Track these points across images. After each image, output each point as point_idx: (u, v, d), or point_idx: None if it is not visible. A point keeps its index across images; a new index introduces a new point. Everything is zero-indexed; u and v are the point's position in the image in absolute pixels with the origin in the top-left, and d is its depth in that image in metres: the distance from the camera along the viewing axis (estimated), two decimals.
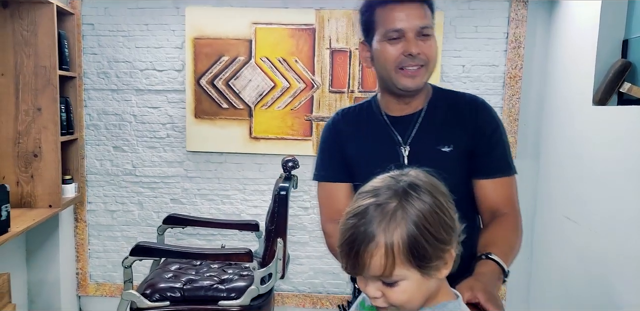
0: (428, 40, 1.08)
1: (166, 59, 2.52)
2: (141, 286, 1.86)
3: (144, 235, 2.64)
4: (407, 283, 0.69)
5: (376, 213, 0.68)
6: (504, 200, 1.13)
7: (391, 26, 1.06)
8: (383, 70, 1.11)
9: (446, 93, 1.21)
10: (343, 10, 2.41)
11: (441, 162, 1.08)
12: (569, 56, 2.16)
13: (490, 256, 0.98)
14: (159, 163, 2.60)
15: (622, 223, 1.66)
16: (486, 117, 1.16)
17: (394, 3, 1.07)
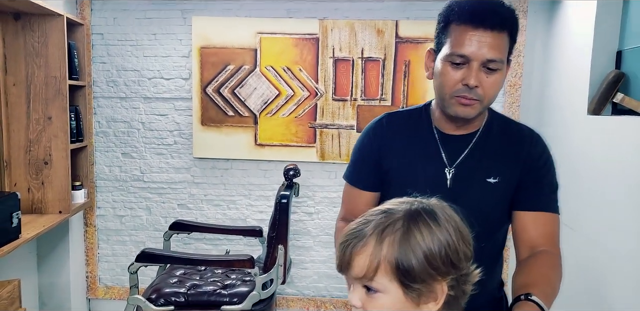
0: (493, 75, 0.99)
1: (173, 67, 2.58)
2: (147, 291, 1.92)
3: (152, 239, 2.70)
4: (387, 298, 0.68)
5: (380, 221, 0.71)
6: (545, 236, 1.06)
7: (458, 50, 0.98)
8: (438, 91, 1.05)
9: (503, 119, 1.14)
10: (346, 20, 2.45)
11: (485, 193, 1.06)
12: (566, 66, 2.19)
13: (530, 298, 0.88)
14: (167, 169, 2.66)
15: (615, 230, 1.69)
16: (539, 150, 1.10)
17: (470, 24, 0.97)
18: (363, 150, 1.17)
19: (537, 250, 1.04)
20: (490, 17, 0.97)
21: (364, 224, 0.72)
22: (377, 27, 2.43)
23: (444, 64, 1.00)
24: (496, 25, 0.97)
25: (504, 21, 0.98)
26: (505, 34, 0.98)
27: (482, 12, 0.98)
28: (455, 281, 0.70)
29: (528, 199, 1.07)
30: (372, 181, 1.15)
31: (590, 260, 1.88)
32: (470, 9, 0.99)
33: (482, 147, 1.08)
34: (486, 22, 0.96)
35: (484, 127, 1.10)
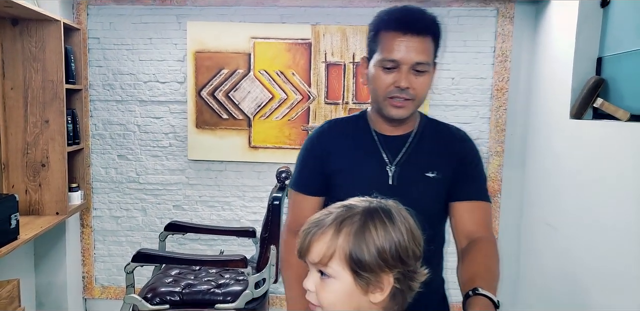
0: (422, 76, 1.07)
1: (169, 71, 2.63)
2: (143, 291, 1.97)
3: (148, 240, 2.75)
4: (339, 283, 0.75)
5: (340, 213, 0.78)
6: (479, 223, 1.15)
7: (388, 55, 1.05)
8: (374, 94, 1.13)
9: (434, 121, 1.24)
10: (338, 26, 2.51)
11: (425, 187, 1.14)
12: (550, 71, 2.26)
13: (478, 292, 0.96)
14: (162, 171, 2.71)
15: (596, 230, 1.76)
16: (467, 146, 1.20)
17: (397, 31, 1.05)
18: (307, 156, 1.22)
19: (473, 237, 1.12)
20: (415, 23, 1.06)
21: (325, 215, 0.79)
22: None
23: (376, 69, 1.08)
24: (421, 30, 1.05)
25: (427, 26, 1.07)
26: (429, 38, 1.07)
27: (408, 19, 1.06)
28: (402, 276, 0.76)
29: (462, 190, 1.16)
30: (318, 186, 1.20)
31: (571, 257, 1.95)
32: (397, 17, 1.08)
33: (418, 145, 1.17)
34: (412, 28, 1.05)
35: (418, 128, 1.19)
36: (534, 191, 2.41)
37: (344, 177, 1.17)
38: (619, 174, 1.62)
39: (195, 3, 2.55)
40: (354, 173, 1.17)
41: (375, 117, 1.18)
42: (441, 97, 2.53)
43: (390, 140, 1.17)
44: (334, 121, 1.25)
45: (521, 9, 2.47)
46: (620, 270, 1.56)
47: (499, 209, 2.59)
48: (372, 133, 1.18)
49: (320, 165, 1.19)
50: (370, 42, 1.12)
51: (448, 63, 2.51)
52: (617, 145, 1.66)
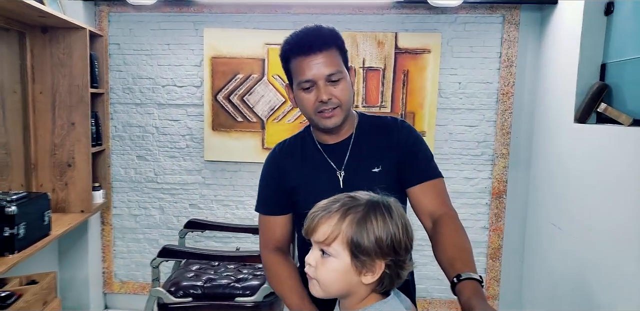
0: (338, 84, 1.17)
1: (186, 76, 2.74)
2: (166, 284, 2.08)
3: (165, 237, 2.86)
4: (337, 262, 0.86)
5: (346, 201, 0.89)
6: (437, 201, 1.22)
7: (302, 77, 1.16)
8: (305, 114, 1.23)
9: (370, 118, 1.32)
10: (348, 32, 2.61)
11: (373, 182, 1.19)
12: (554, 76, 2.35)
13: (461, 278, 1.02)
14: (179, 171, 2.82)
15: (598, 230, 1.85)
16: (405, 133, 1.28)
17: (301, 54, 1.15)
18: (267, 178, 1.32)
19: (435, 216, 1.21)
20: (312, 42, 1.15)
21: (332, 202, 0.91)
22: (378, 39, 2.59)
23: (298, 93, 1.19)
24: (321, 46, 1.15)
25: (325, 40, 1.16)
26: (332, 49, 1.17)
27: (307, 41, 1.16)
28: (393, 263, 0.87)
29: (412, 175, 1.25)
30: (281, 205, 1.29)
31: (575, 257, 2.04)
32: (297, 42, 1.17)
33: (359, 146, 1.26)
34: (312, 47, 1.14)
35: (356, 130, 1.28)
36: (539, 192, 2.50)
37: (301, 191, 1.26)
38: (621, 177, 1.71)
39: (211, 10, 2.65)
40: (309, 185, 1.26)
41: (316, 131, 1.29)
42: (448, 100, 2.63)
43: (333, 148, 1.27)
44: (282, 142, 1.36)
45: (526, 15, 2.56)
46: (624, 270, 1.64)
47: (504, 209, 2.69)
48: (317, 146, 1.28)
49: (279, 185, 1.28)
50: (285, 70, 1.23)
51: (455, 68, 2.61)
52: (620, 149, 1.74)
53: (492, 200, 2.68)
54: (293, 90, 1.23)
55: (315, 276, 0.89)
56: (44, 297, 1.81)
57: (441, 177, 1.27)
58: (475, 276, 1.04)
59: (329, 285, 0.88)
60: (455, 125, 2.64)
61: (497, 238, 2.70)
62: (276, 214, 1.30)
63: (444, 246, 1.15)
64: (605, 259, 1.78)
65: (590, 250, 1.91)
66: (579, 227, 2.02)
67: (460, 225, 1.21)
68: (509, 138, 2.63)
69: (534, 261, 2.54)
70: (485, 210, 2.69)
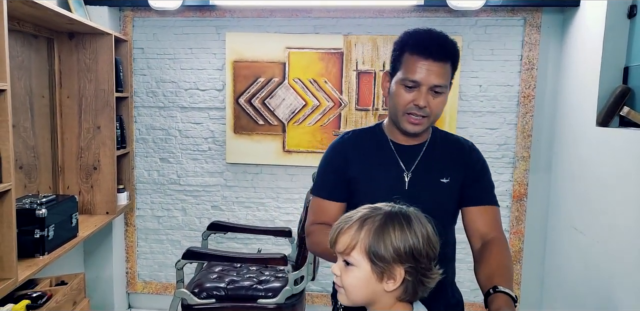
0: (438, 97, 1.19)
1: (208, 79, 2.78)
2: (190, 286, 2.12)
3: (187, 238, 2.91)
4: (359, 271, 0.89)
5: (365, 213, 0.92)
6: (491, 225, 1.27)
7: (410, 76, 1.17)
8: (393, 108, 1.24)
9: (443, 132, 1.37)
10: (369, 36, 2.62)
11: (439, 191, 1.26)
12: (576, 79, 2.33)
13: (498, 290, 1.06)
14: (201, 173, 2.87)
15: (620, 234, 1.84)
16: (475, 155, 1.33)
17: (420, 55, 1.16)
18: (330, 164, 1.32)
19: (487, 239, 1.24)
20: (437, 50, 1.17)
21: (354, 213, 0.95)
22: None
23: (398, 87, 1.20)
24: (442, 57, 1.17)
25: (447, 53, 1.18)
26: (448, 63, 1.19)
27: (431, 46, 1.17)
28: (413, 270, 0.88)
29: (474, 196, 1.29)
30: (340, 191, 1.29)
31: (597, 261, 2.03)
32: (421, 42, 1.18)
33: (431, 153, 1.29)
34: (434, 54, 1.16)
35: (431, 138, 1.31)
36: (560, 195, 2.48)
37: (363, 183, 1.28)
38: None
39: (233, 15, 2.69)
40: (373, 179, 1.27)
41: (392, 128, 1.30)
42: (469, 103, 2.63)
43: (406, 149, 1.29)
44: (352, 131, 1.36)
45: (548, 18, 2.54)
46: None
47: (525, 212, 2.68)
48: (389, 143, 1.30)
49: (341, 172, 1.29)
50: (394, 60, 1.24)
51: (476, 71, 2.61)
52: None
53: (513, 203, 2.67)
54: (391, 80, 1.24)
55: (341, 285, 0.92)
56: (74, 297, 1.86)
57: (498, 206, 1.32)
58: (512, 293, 1.08)
59: (354, 292, 0.91)
60: (476, 128, 2.64)
61: (518, 241, 2.69)
62: (334, 200, 1.30)
63: (487, 263, 1.18)
64: (628, 265, 1.77)
65: (612, 255, 1.89)
66: (601, 231, 2.00)
67: (509, 249, 1.25)
68: (530, 141, 2.61)
69: (554, 264, 2.53)
70: (506, 213, 2.68)
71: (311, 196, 1.36)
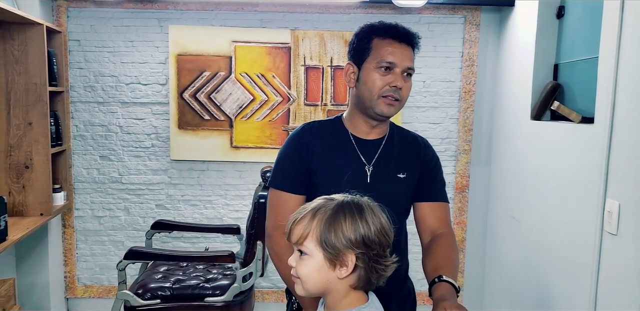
0: (408, 80, 1.25)
1: (150, 73, 2.69)
2: (133, 287, 2.04)
3: (131, 238, 2.80)
4: (312, 260, 0.91)
5: (319, 203, 0.95)
6: (441, 221, 1.32)
7: (387, 58, 1.21)
8: (367, 93, 1.24)
9: (400, 128, 1.40)
10: (316, 31, 2.63)
11: (396, 186, 1.29)
12: (512, 75, 2.45)
13: (443, 279, 1.13)
14: (144, 171, 2.77)
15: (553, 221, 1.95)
16: (430, 153, 1.37)
17: (393, 39, 1.22)
18: (291, 156, 1.31)
19: (436, 233, 1.30)
20: (406, 35, 1.24)
21: (309, 204, 0.96)
22: (345, 38, 2.62)
23: (372, 71, 1.23)
24: (410, 41, 1.25)
25: (415, 40, 1.26)
26: (414, 50, 1.26)
27: (401, 31, 1.25)
28: (366, 257, 0.90)
29: (427, 192, 1.34)
30: (301, 183, 1.29)
31: (533, 247, 2.14)
32: (391, 28, 1.25)
33: (390, 148, 1.32)
34: (404, 38, 1.23)
35: (389, 133, 1.34)
36: (499, 186, 2.60)
37: (326, 175, 1.28)
38: (572, 170, 1.81)
39: (176, 7, 2.62)
40: (336, 172, 1.28)
41: (353, 122, 1.31)
42: (413, 99, 2.69)
43: (366, 143, 1.31)
44: (313, 123, 1.36)
45: (486, 16, 2.65)
46: (576, 258, 1.74)
47: (467, 203, 2.78)
48: (350, 136, 1.31)
49: (304, 163, 1.29)
50: (360, 49, 1.25)
51: (419, 67, 2.67)
52: (571, 144, 1.84)
53: (456, 195, 2.77)
54: (361, 69, 1.25)
55: (297, 276, 0.93)
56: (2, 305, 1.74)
57: (448, 202, 1.38)
58: (455, 283, 1.13)
59: (308, 282, 0.92)
60: (420, 122, 2.71)
61: (461, 231, 2.79)
62: (295, 192, 1.29)
63: (435, 256, 1.23)
64: (560, 249, 1.88)
65: (546, 241, 2.01)
66: (536, 219, 2.12)
67: (456, 244, 1.31)
68: (471, 135, 2.71)
69: (495, 252, 2.65)
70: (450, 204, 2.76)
71: (269, 189, 1.34)
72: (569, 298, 1.80)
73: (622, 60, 1.51)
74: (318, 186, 1.27)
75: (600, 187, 1.60)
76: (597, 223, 1.61)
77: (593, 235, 1.63)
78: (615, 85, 1.54)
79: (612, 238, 1.55)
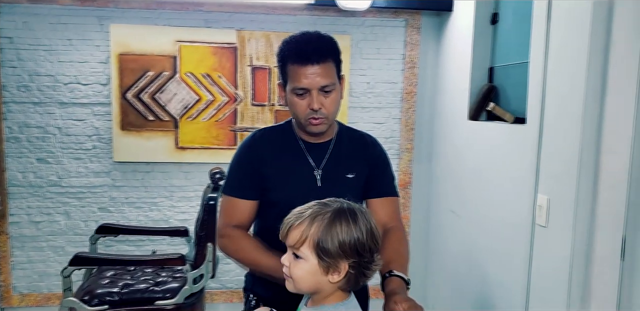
0: (330, 95, 1.26)
1: (91, 73, 2.60)
2: (78, 293, 1.98)
3: (72, 244, 2.70)
4: (306, 264, 0.95)
5: (316, 209, 0.98)
6: (391, 215, 1.39)
7: (297, 84, 1.23)
8: (294, 116, 1.31)
9: (348, 129, 1.45)
10: (262, 32, 2.64)
11: (346, 186, 1.35)
12: (451, 77, 2.58)
13: (393, 274, 1.21)
14: (86, 173, 2.68)
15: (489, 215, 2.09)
16: (378, 150, 1.44)
17: (300, 63, 1.22)
18: (243, 163, 1.36)
19: (387, 227, 1.36)
20: (314, 53, 1.22)
21: (305, 209, 1.00)
22: None
23: (291, 96, 1.26)
24: (320, 58, 1.22)
25: (324, 53, 1.24)
26: (329, 61, 1.24)
27: (307, 51, 1.22)
28: (357, 264, 0.96)
29: (376, 188, 1.40)
30: (254, 190, 1.34)
31: (471, 240, 2.28)
32: (296, 50, 1.24)
33: (338, 151, 1.38)
34: (312, 59, 1.22)
35: (337, 136, 1.39)
36: (440, 182, 2.73)
37: (277, 181, 1.33)
38: (506, 168, 1.94)
39: (118, 5, 2.54)
40: (287, 177, 1.33)
41: (300, 129, 1.37)
42: (358, 99, 2.77)
43: (315, 147, 1.36)
44: (264, 129, 1.42)
45: (427, 20, 2.77)
46: (511, 249, 1.88)
47: (410, 199, 2.90)
48: (299, 141, 1.37)
49: (254, 170, 1.33)
50: (281, 72, 1.29)
51: (364, 69, 2.76)
52: (505, 143, 1.98)
53: (400, 191, 2.87)
54: (286, 91, 1.29)
55: (290, 275, 0.98)
56: None
57: (398, 196, 1.45)
58: (405, 277, 1.21)
59: (300, 283, 0.98)
60: (365, 122, 2.80)
61: (405, 226, 2.90)
62: (247, 198, 1.34)
63: (386, 250, 1.27)
64: (495, 241, 2.02)
65: (484, 233, 2.15)
66: (474, 213, 2.25)
67: (406, 237, 1.40)
68: (413, 134, 2.83)
69: (437, 245, 2.78)
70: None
71: (222, 195, 1.39)
72: (505, 286, 1.94)
73: (550, 66, 1.64)
74: (270, 191, 1.33)
75: (531, 182, 1.73)
76: (529, 216, 1.75)
77: (526, 228, 1.77)
78: (544, 88, 1.67)
79: (542, 230, 1.68)
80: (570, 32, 1.54)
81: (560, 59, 1.60)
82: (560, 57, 1.60)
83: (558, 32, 1.61)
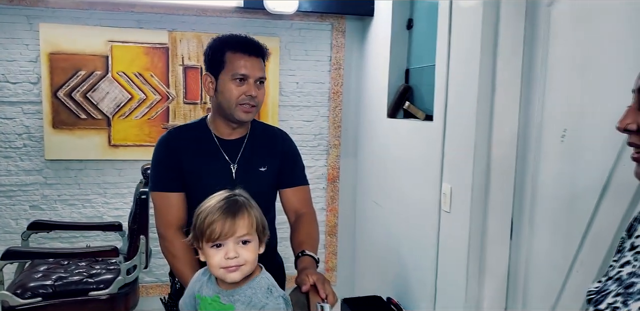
0: (262, 88, 1.42)
1: (20, 71, 2.60)
2: (11, 287, 2.01)
3: (3, 242, 2.68)
4: (253, 244, 1.09)
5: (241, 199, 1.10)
6: (302, 202, 1.54)
7: (239, 71, 1.35)
8: (225, 103, 1.38)
9: (261, 124, 1.57)
10: (193, 33, 2.74)
11: (260, 179, 1.49)
12: (373, 77, 2.79)
13: (305, 254, 1.36)
14: (16, 172, 2.67)
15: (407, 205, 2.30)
16: (288, 144, 1.57)
17: (243, 52, 1.36)
18: (163, 158, 1.44)
19: (299, 213, 1.53)
20: (254, 48, 1.40)
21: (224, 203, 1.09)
22: None
23: (228, 82, 1.37)
24: (259, 53, 1.40)
25: (261, 51, 1.41)
26: (263, 59, 1.42)
27: (251, 44, 1.40)
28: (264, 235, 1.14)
29: (288, 179, 1.55)
30: (179, 182, 1.42)
31: (391, 228, 2.49)
32: (238, 41, 1.40)
33: (252, 146, 1.49)
34: (253, 51, 1.39)
35: (250, 131, 1.51)
36: (365, 176, 2.94)
37: (195, 175, 1.42)
38: (419, 160, 2.16)
39: (47, 5, 2.56)
40: (203, 171, 1.42)
41: (217, 123, 1.45)
42: (288, 98, 2.93)
43: (229, 143, 1.46)
44: (179, 127, 1.51)
45: (351, 24, 2.96)
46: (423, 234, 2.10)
47: (338, 192, 3.09)
48: (213, 138, 1.45)
49: (177, 164, 1.43)
50: (214, 61, 1.38)
51: (293, 69, 2.92)
52: (417, 138, 2.19)
53: (328, 185, 3.07)
54: (218, 79, 1.38)
55: (243, 263, 1.06)
56: None
57: (308, 184, 1.58)
58: (315, 256, 1.39)
59: (251, 264, 1.08)
60: (295, 120, 2.96)
61: (333, 217, 3.10)
62: (175, 190, 1.42)
63: (298, 233, 1.46)
64: (411, 227, 2.24)
65: (401, 221, 2.36)
66: (393, 203, 2.47)
67: (316, 221, 1.54)
68: (340, 131, 3.03)
69: (363, 234, 2.99)
70: (323, 193, 3.07)
71: (151, 193, 1.46)
72: (418, 265, 2.15)
73: (451, 68, 1.84)
74: (189, 186, 1.43)
75: (437, 172, 1.93)
76: (436, 203, 1.94)
77: (434, 213, 1.96)
78: (447, 88, 1.86)
79: (446, 215, 1.88)
80: (466, 37, 1.73)
81: (458, 61, 1.78)
82: (458, 60, 1.78)
83: (458, 37, 1.79)
